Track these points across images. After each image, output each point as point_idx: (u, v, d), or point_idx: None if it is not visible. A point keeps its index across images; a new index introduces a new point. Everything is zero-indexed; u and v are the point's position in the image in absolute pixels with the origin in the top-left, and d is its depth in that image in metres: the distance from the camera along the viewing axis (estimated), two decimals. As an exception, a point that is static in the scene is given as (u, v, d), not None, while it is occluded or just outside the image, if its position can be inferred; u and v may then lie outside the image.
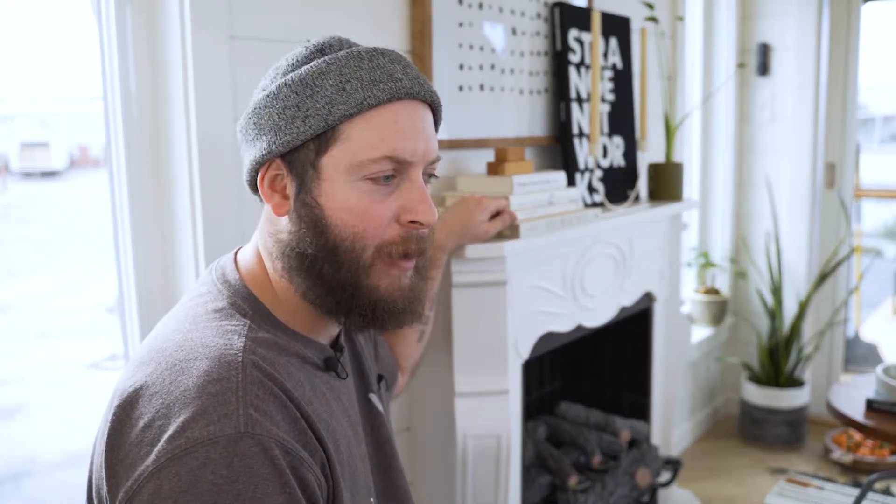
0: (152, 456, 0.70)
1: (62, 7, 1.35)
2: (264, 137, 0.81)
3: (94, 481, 0.78)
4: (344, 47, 0.84)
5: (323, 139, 0.79)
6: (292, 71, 0.82)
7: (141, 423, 0.72)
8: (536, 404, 2.22)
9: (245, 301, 0.83)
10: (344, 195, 0.79)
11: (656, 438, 2.23)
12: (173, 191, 1.30)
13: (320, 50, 0.83)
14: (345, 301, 0.82)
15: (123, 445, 0.73)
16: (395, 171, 0.81)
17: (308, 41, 0.86)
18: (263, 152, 0.82)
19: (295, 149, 0.80)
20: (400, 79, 0.81)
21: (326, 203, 0.80)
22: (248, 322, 0.81)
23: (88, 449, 0.83)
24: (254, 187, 0.86)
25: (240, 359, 0.75)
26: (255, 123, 0.82)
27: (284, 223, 0.83)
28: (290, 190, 0.82)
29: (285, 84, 0.81)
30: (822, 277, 3.09)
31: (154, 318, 1.34)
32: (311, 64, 0.81)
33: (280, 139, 0.80)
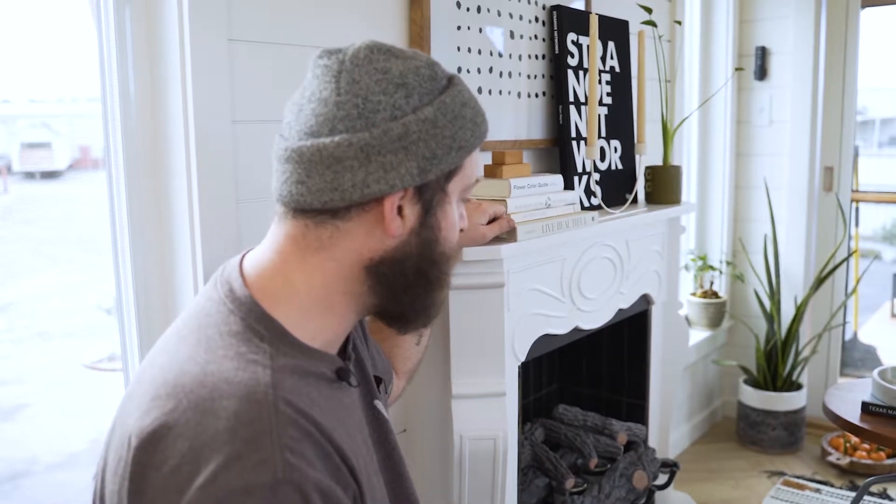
0: None
1: (62, 8, 1.36)
2: (413, 163, 0.79)
3: None
4: (441, 67, 0.86)
5: (455, 167, 0.85)
6: (438, 95, 0.82)
7: (166, 468, 0.70)
8: (533, 406, 2.23)
9: (259, 322, 0.79)
10: (454, 215, 0.88)
11: (653, 441, 2.24)
12: (171, 193, 1.31)
13: (444, 75, 0.84)
14: (430, 307, 0.90)
15: (147, 491, 0.71)
16: None
17: (404, 52, 0.84)
18: (413, 177, 0.80)
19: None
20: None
21: (443, 223, 0.86)
22: (267, 347, 0.77)
23: (88, 450, 0.83)
24: (333, 208, 0.80)
25: (270, 397, 0.72)
26: (403, 147, 0.79)
27: (394, 243, 0.83)
28: (413, 213, 0.83)
29: (440, 112, 0.81)
30: (820, 281, 3.09)
31: (152, 319, 1.35)
32: (450, 92, 0.83)
33: (436, 167, 0.81)
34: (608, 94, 2.07)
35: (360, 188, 0.79)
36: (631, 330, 2.18)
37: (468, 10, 1.71)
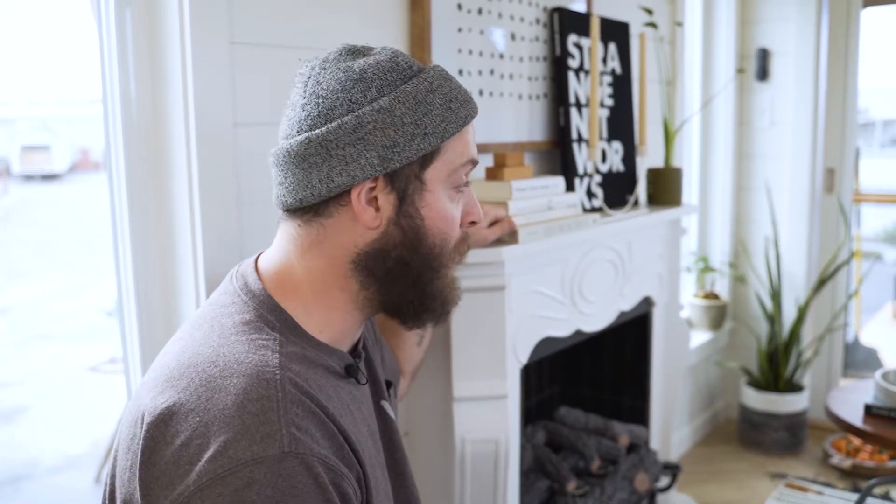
0: (193, 476, 0.70)
1: (63, 12, 1.35)
2: (373, 153, 0.81)
3: (119, 495, 0.78)
4: (409, 59, 0.87)
5: (430, 154, 0.84)
6: (400, 85, 0.83)
7: (178, 442, 0.73)
8: (535, 409, 2.22)
9: (271, 313, 0.83)
10: (441, 204, 0.86)
11: (655, 443, 2.23)
12: (173, 195, 1.30)
13: (409, 66, 0.85)
14: (428, 301, 0.89)
15: (158, 463, 0.73)
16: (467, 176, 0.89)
17: (372, 50, 0.87)
18: (374, 167, 0.81)
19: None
20: (472, 98, 0.90)
21: (427, 213, 0.85)
22: (278, 335, 0.81)
23: (89, 452, 0.84)
24: (313, 205, 0.84)
25: (277, 376, 0.76)
26: (360, 139, 0.81)
27: (375, 235, 0.84)
28: (388, 202, 0.83)
29: (398, 101, 0.82)
30: (822, 282, 3.09)
31: (153, 321, 1.34)
32: (415, 81, 0.84)
33: (399, 155, 0.82)
34: (609, 96, 2.07)
35: (326, 183, 0.82)
36: (632, 332, 2.18)
37: (469, 11, 1.70)
